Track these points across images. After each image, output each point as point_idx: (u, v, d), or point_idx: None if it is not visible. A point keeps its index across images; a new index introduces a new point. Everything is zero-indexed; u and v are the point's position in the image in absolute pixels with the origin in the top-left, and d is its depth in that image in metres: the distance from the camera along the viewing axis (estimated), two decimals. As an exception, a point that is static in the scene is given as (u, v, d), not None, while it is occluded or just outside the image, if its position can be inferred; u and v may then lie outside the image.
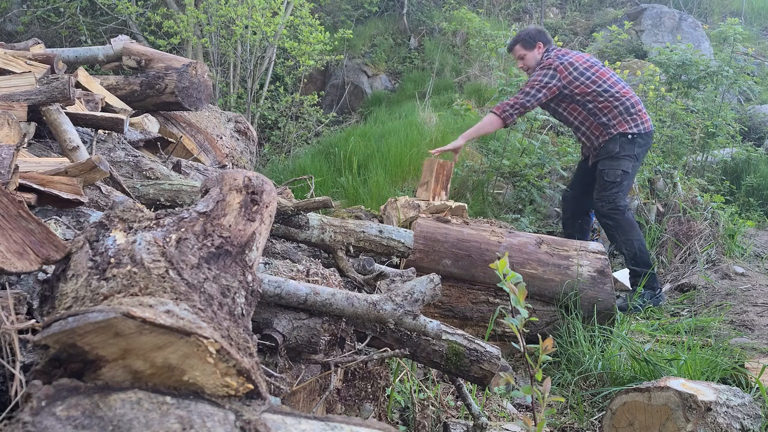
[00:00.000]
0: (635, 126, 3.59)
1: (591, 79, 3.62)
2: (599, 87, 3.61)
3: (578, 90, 3.62)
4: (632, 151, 3.60)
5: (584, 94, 3.62)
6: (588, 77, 3.62)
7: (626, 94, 3.63)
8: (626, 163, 3.61)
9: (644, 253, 3.58)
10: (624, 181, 3.62)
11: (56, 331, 0.68)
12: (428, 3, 10.27)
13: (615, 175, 3.62)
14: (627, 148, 3.61)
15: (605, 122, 3.62)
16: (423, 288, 1.54)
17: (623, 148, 3.61)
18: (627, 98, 3.61)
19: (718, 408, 1.66)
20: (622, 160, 3.61)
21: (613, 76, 3.70)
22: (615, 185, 3.62)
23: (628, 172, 3.62)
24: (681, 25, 9.06)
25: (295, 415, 0.75)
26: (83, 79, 2.89)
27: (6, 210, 1.02)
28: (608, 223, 3.66)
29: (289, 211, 2.06)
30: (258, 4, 5.97)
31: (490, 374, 1.72)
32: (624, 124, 3.59)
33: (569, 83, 3.63)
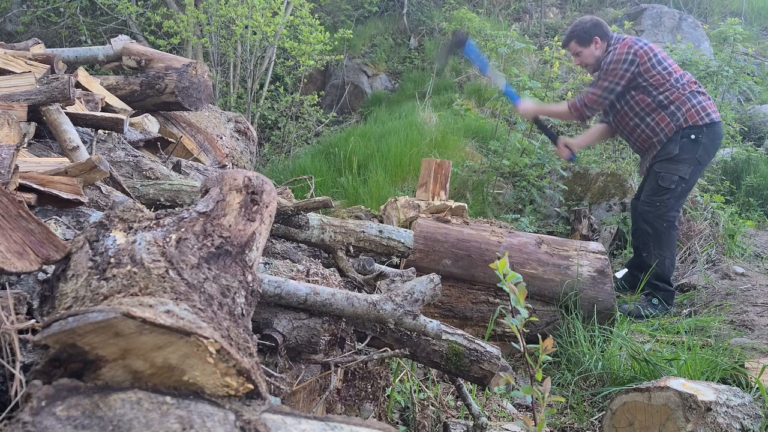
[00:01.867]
0: (706, 116, 3.32)
1: (668, 70, 3.39)
2: (675, 80, 3.39)
3: (654, 80, 3.38)
4: (694, 153, 3.32)
5: (658, 86, 3.38)
6: (665, 68, 3.39)
7: (693, 85, 3.41)
8: (684, 168, 3.34)
9: (671, 273, 3.43)
10: (679, 187, 3.36)
11: (56, 331, 0.68)
12: (428, 3, 10.27)
13: (671, 180, 3.36)
14: (688, 150, 3.34)
15: (674, 111, 3.36)
16: (423, 288, 1.54)
17: (684, 149, 3.35)
18: (695, 88, 3.39)
19: (718, 408, 1.66)
20: (680, 164, 3.35)
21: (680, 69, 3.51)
22: (668, 192, 3.36)
23: (686, 179, 3.35)
24: (681, 25, 9.06)
25: (295, 415, 0.75)
26: (83, 79, 2.89)
27: (6, 210, 1.02)
28: (648, 230, 3.44)
29: (289, 211, 2.06)
30: (258, 4, 5.97)
31: (490, 374, 1.72)
32: (695, 115, 3.33)
33: (646, 71, 3.38)
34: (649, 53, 3.39)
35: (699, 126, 3.33)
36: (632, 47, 3.39)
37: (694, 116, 3.33)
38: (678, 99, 3.36)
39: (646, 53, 3.38)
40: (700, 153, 3.35)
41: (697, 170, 3.43)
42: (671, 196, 3.38)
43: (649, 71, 3.38)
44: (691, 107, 3.34)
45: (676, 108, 3.36)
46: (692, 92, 3.37)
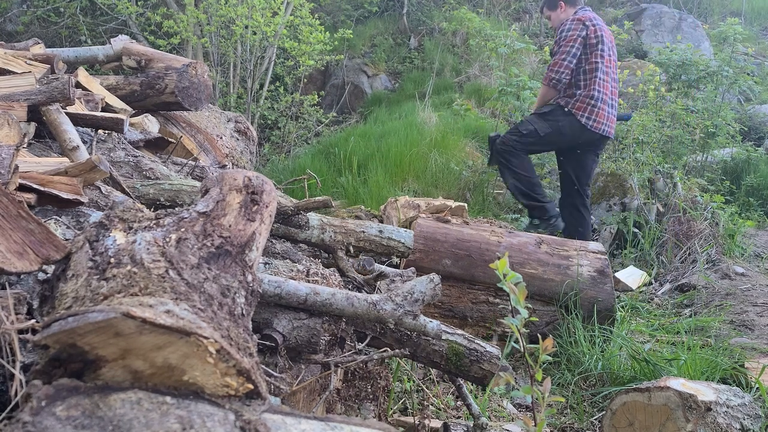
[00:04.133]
0: (585, 118, 3.68)
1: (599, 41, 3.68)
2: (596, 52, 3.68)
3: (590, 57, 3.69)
4: (561, 121, 3.71)
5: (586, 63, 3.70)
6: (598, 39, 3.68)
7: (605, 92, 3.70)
8: (544, 126, 3.74)
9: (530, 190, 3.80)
10: (529, 138, 3.76)
11: (56, 331, 0.68)
12: (428, 3, 10.26)
13: (526, 127, 3.80)
14: (560, 117, 3.73)
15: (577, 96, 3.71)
16: (423, 288, 1.54)
17: (553, 112, 3.76)
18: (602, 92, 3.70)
19: (718, 408, 1.66)
20: (543, 122, 3.76)
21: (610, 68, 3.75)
22: (518, 135, 3.81)
23: (540, 135, 3.74)
24: (681, 25, 9.06)
25: (295, 415, 0.75)
26: (83, 79, 2.89)
27: (6, 210, 1.02)
28: (501, 161, 3.91)
29: (289, 211, 2.06)
30: (258, 4, 5.97)
31: (490, 374, 1.72)
32: (581, 110, 3.69)
33: (590, 45, 3.68)
34: (594, 30, 3.69)
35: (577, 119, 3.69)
36: (588, 22, 3.72)
37: (580, 110, 3.68)
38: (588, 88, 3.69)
39: (595, 30, 3.69)
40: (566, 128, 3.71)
41: (555, 137, 3.78)
42: (519, 141, 3.80)
43: (591, 47, 3.69)
44: (586, 106, 3.68)
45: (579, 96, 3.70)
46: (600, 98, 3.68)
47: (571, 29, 3.73)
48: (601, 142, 3.89)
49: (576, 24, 3.73)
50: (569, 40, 3.70)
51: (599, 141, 3.88)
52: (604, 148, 4.04)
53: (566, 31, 3.75)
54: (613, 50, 3.85)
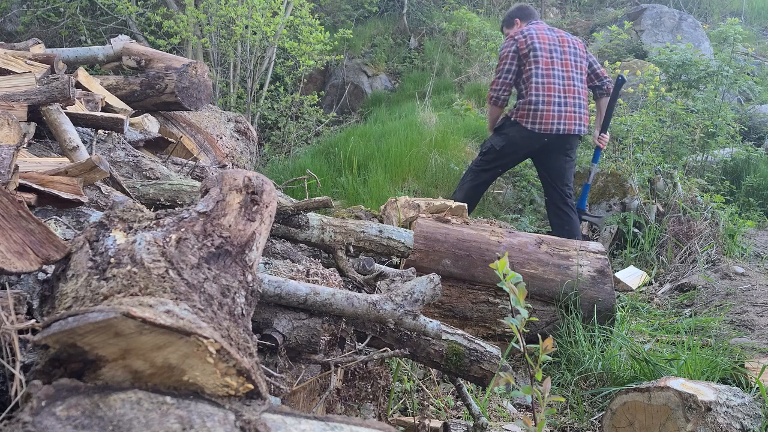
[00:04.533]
0: (530, 123, 3.78)
1: (535, 50, 3.80)
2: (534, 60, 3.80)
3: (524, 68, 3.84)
4: (510, 132, 3.86)
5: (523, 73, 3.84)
6: (534, 47, 3.80)
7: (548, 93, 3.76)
8: (498, 140, 3.92)
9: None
10: (487, 155, 3.96)
11: (56, 331, 0.68)
12: (428, 3, 10.26)
13: (485, 146, 4.04)
14: (508, 128, 3.89)
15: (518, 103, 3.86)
16: (423, 288, 1.54)
17: (504, 125, 3.93)
18: (544, 93, 3.76)
19: (718, 408, 1.66)
20: (497, 137, 3.94)
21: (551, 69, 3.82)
22: (480, 154, 4.06)
23: (497, 150, 3.91)
24: (681, 25, 9.06)
25: (295, 415, 0.75)
26: (83, 79, 2.89)
27: (6, 210, 1.02)
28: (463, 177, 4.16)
29: (289, 211, 2.06)
30: (258, 4, 5.97)
31: (490, 374, 1.72)
32: (524, 117, 3.80)
33: (522, 47, 3.83)
34: (527, 41, 3.82)
35: (522, 127, 3.82)
36: (517, 36, 3.89)
37: (524, 117, 3.81)
38: (526, 95, 3.80)
39: (523, 40, 3.83)
40: (516, 137, 3.84)
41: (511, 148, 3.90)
42: (481, 159, 4.03)
43: (524, 57, 3.83)
44: (527, 112, 3.79)
45: (519, 105, 3.84)
46: (541, 101, 3.76)
47: (504, 47, 3.93)
48: (563, 141, 3.87)
49: (507, 41, 3.93)
50: (502, 58, 3.91)
51: (560, 141, 3.86)
52: (575, 145, 4.00)
53: (500, 50, 3.98)
54: (567, 50, 3.89)
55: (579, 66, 3.92)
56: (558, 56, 3.86)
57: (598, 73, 4.05)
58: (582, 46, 4.01)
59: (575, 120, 3.84)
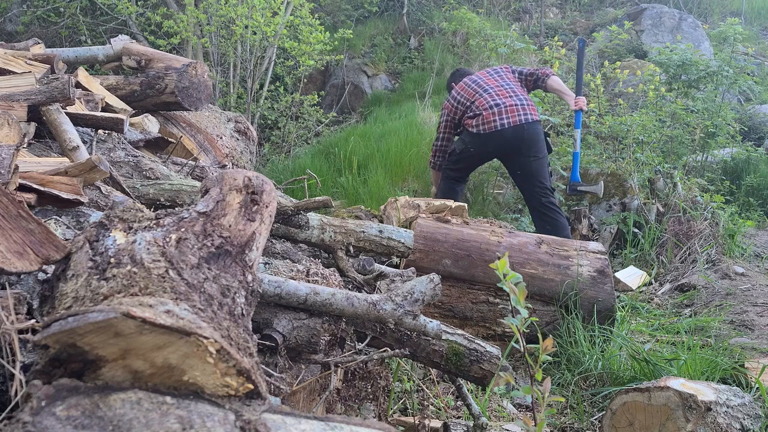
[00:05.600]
0: (475, 127, 4.03)
1: (461, 102, 4.16)
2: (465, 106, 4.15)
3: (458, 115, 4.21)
4: (465, 137, 4.14)
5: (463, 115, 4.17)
6: (459, 102, 4.17)
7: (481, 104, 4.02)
8: (458, 143, 4.20)
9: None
10: (453, 156, 4.23)
11: (56, 331, 0.68)
12: (428, 3, 10.26)
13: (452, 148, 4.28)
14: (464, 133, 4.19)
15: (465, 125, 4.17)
16: (423, 288, 1.54)
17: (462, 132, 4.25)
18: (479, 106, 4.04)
19: (718, 408, 1.66)
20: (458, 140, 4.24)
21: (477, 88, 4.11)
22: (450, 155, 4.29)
23: (458, 153, 4.17)
24: (681, 25, 9.06)
25: (295, 415, 0.75)
26: (83, 79, 2.89)
27: (6, 210, 1.02)
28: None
29: (289, 211, 2.06)
30: (258, 4, 5.97)
31: (490, 374, 1.72)
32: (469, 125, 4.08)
33: (451, 112, 4.22)
34: (452, 103, 4.23)
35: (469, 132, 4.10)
36: (445, 105, 4.32)
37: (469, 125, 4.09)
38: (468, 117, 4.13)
39: (450, 105, 4.24)
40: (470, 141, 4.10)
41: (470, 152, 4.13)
42: (449, 161, 4.26)
43: (456, 114, 4.21)
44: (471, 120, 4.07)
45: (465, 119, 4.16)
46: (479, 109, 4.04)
47: (440, 118, 4.38)
48: (517, 138, 3.95)
49: (441, 112, 4.36)
50: (438, 128, 4.37)
51: (514, 138, 3.95)
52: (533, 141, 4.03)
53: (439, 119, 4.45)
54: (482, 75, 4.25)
55: (504, 77, 4.21)
56: (480, 81, 4.18)
57: (527, 72, 4.28)
58: (504, 66, 4.37)
59: (518, 112, 3.95)
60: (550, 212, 4.01)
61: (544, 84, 4.23)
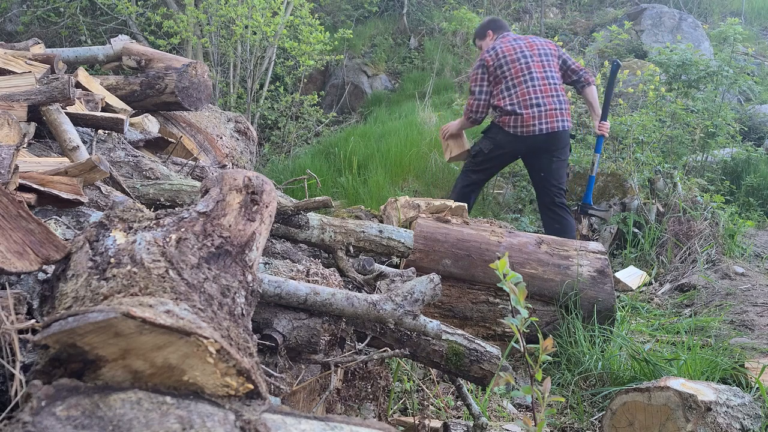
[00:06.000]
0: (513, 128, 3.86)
1: (502, 64, 3.91)
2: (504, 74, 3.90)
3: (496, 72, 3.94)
4: (496, 136, 3.95)
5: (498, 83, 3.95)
6: (501, 62, 3.91)
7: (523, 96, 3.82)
8: (485, 142, 4.02)
9: None
10: (479, 157, 4.05)
11: (56, 331, 0.68)
12: (428, 3, 10.26)
13: (475, 149, 4.11)
14: (494, 132, 3.98)
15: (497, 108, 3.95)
16: (423, 288, 1.54)
17: (491, 128, 4.04)
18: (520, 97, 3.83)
19: (718, 408, 1.66)
20: (484, 140, 4.04)
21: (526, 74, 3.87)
22: (470, 157, 4.14)
23: (485, 153, 4.01)
24: (681, 25, 9.06)
25: (295, 415, 0.75)
26: (83, 79, 2.89)
27: (6, 210, 1.02)
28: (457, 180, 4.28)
29: (289, 211, 2.06)
30: (258, 4, 5.97)
31: (490, 374, 1.72)
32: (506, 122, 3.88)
33: (491, 66, 3.94)
34: (492, 57, 3.95)
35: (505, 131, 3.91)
36: (484, 55, 4.02)
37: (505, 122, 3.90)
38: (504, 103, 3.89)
39: (490, 58, 3.96)
40: (503, 140, 3.93)
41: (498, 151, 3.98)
42: (471, 161, 4.12)
43: (492, 73, 3.96)
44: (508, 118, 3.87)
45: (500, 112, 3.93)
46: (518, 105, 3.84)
47: (474, 70, 4.08)
48: (549, 141, 3.90)
49: (476, 63, 4.06)
50: (473, 80, 4.05)
51: (546, 141, 3.89)
52: (564, 144, 4.00)
53: (471, 72, 4.13)
54: (536, 52, 3.96)
55: (551, 64, 3.99)
56: (529, 61, 3.92)
57: (574, 68, 4.09)
58: (553, 46, 4.07)
59: (557, 117, 3.87)
60: (561, 212, 4.00)
61: (582, 90, 4.15)
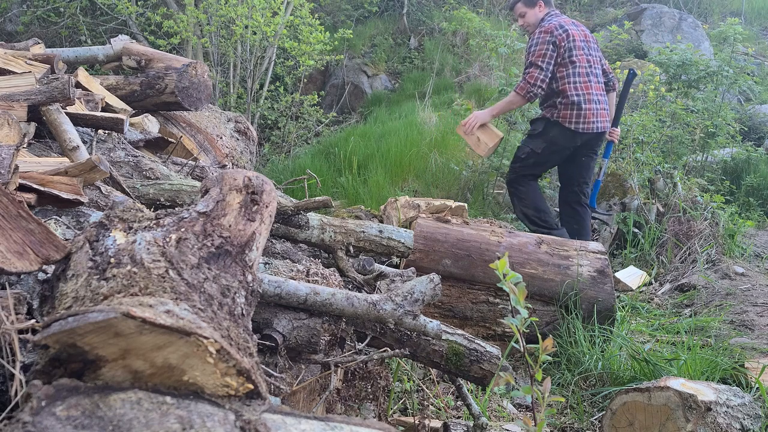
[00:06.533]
0: (574, 124, 3.68)
1: (569, 47, 3.69)
2: (569, 57, 3.69)
3: (561, 52, 3.71)
4: (551, 133, 3.74)
5: (556, 71, 3.71)
6: (568, 43, 3.69)
7: (587, 90, 3.68)
8: (536, 142, 3.80)
9: (539, 220, 3.84)
10: (530, 159, 3.83)
11: (56, 331, 0.68)
12: (428, 3, 10.26)
13: (523, 150, 3.88)
14: (548, 129, 3.76)
15: (556, 103, 3.72)
16: (423, 288, 1.54)
17: (544, 127, 3.78)
18: (585, 93, 3.68)
19: (718, 408, 1.66)
20: (536, 139, 3.81)
21: (587, 66, 3.74)
22: (519, 161, 3.89)
23: (538, 153, 3.79)
24: (681, 25, 9.06)
25: (295, 415, 0.75)
26: (83, 79, 2.89)
27: (6, 210, 1.02)
28: (510, 191, 4.05)
29: (289, 211, 2.06)
30: (258, 4, 5.97)
31: (490, 374, 1.72)
32: (567, 117, 3.68)
33: (560, 44, 3.69)
34: (562, 35, 3.68)
35: (565, 128, 3.70)
36: (555, 31, 3.69)
37: (566, 117, 3.69)
38: (566, 95, 3.68)
39: (559, 35, 3.68)
40: (558, 138, 3.73)
41: (554, 150, 3.79)
42: (522, 166, 3.89)
43: (561, 55, 3.69)
44: (570, 112, 3.67)
45: (560, 105, 3.70)
46: (583, 99, 3.67)
47: (539, 43, 3.71)
48: (595, 139, 3.87)
49: (543, 34, 3.72)
50: (539, 54, 3.69)
51: (594, 139, 3.86)
52: (600, 144, 3.99)
53: (535, 45, 3.74)
54: (590, 45, 3.83)
55: (600, 62, 3.90)
56: (591, 52, 3.79)
57: (606, 69, 4.03)
58: (596, 43, 3.98)
59: (606, 117, 3.83)
60: (584, 213, 3.96)
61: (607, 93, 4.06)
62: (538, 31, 3.76)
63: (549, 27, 3.73)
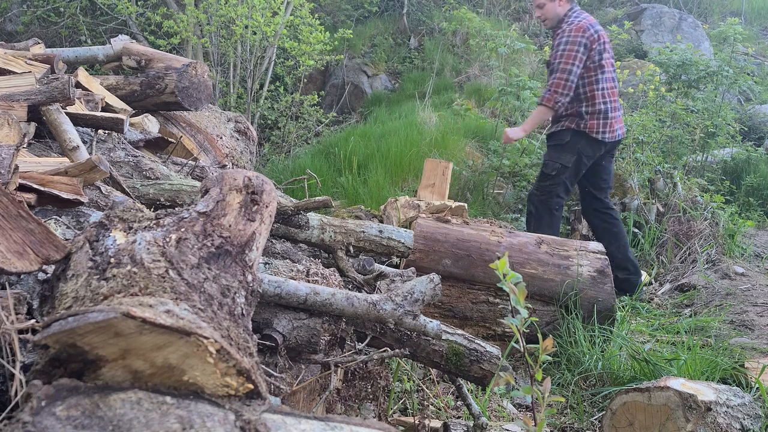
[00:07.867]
0: (602, 133, 3.51)
1: (599, 49, 3.46)
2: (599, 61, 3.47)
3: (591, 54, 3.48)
4: (578, 144, 3.52)
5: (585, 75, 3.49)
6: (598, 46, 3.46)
7: (613, 97, 3.54)
8: (565, 156, 3.55)
9: None
10: (561, 174, 3.56)
11: (56, 331, 0.68)
12: (428, 3, 10.26)
13: (553, 167, 3.59)
14: (575, 141, 3.53)
15: (582, 112, 3.51)
16: (423, 288, 1.54)
17: (570, 139, 3.55)
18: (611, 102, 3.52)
19: (718, 408, 1.66)
20: (564, 153, 3.56)
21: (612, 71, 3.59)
22: (550, 178, 3.60)
23: (568, 167, 3.55)
24: (681, 25, 9.06)
25: (295, 415, 0.75)
26: (83, 79, 2.89)
27: (6, 210, 1.02)
28: (531, 211, 3.71)
29: (289, 211, 2.06)
30: (258, 4, 5.97)
31: (490, 374, 1.72)
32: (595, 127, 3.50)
33: (590, 44, 3.46)
34: (593, 36, 3.46)
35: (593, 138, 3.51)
36: (587, 31, 3.46)
37: (594, 127, 3.50)
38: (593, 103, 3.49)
39: (591, 34, 3.46)
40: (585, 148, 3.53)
41: (581, 162, 3.56)
42: (554, 183, 3.60)
43: (591, 59, 3.47)
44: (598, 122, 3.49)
45: (587, 115, 3.51)
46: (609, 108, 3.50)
47: (569, 42, 3.45)
48: (616, 145, 3.75)
49: (575, 35, 3.44)
50: (568, 57, 3.43)
51: (611, 148, 3.73)
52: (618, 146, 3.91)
53: (565, 44, 3.47)
54: (609, 47, 3.67)
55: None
56: (611, 55, 3.62)
57: None
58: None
59: (623, 124, 3.72)
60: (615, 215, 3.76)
61: None
62: (568, 28, 3.50)
63: (581, 25, 3.47)
